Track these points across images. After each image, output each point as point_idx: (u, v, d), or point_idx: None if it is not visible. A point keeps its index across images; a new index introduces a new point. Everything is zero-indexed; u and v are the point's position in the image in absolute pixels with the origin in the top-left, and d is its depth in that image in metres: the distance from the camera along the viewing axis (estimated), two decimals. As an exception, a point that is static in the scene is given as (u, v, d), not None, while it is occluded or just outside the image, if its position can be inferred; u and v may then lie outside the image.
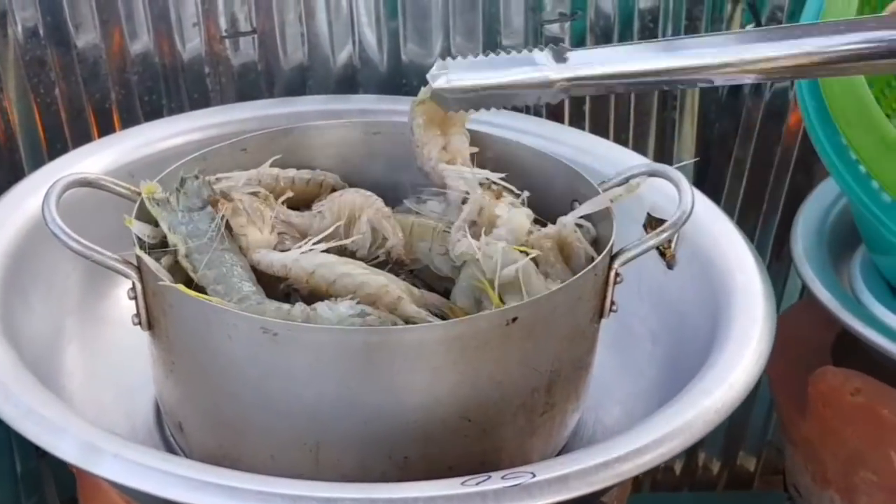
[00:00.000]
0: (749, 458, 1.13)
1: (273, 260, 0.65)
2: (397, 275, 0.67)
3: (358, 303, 0.61)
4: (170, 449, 0.70)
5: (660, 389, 0.73)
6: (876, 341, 0.74)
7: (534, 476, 0.54)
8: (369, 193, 0.71)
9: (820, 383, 0.78)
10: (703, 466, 1.13)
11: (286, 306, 0.62)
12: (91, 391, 0.72)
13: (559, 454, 0.69)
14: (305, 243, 0.66)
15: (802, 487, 0.86)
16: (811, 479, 0.84)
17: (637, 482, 1.13)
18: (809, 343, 0.86)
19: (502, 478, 0.54)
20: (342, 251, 0.67)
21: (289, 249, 0.66)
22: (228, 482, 0.54)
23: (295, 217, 0.70)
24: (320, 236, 0.66)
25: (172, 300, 0.62)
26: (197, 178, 0.67)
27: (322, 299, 0.62)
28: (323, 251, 0.65)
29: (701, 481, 1.13)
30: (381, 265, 0.66)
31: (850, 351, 0.83)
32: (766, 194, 1.01)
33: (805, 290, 1.01)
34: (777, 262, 1.05)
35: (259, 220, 0.67)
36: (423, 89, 0.71)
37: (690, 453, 1.12)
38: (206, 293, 0.62)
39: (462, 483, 0.54)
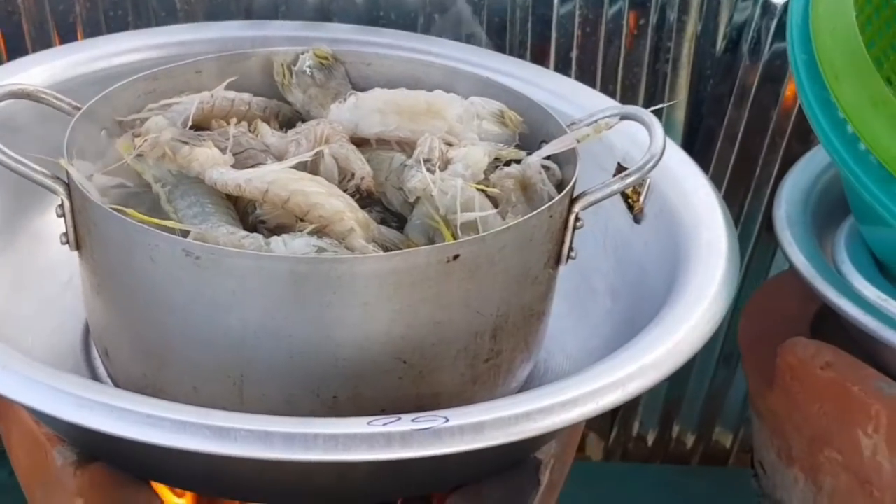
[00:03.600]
0: (726, 434, 1.09)
1: (228, 179, 0.62)
2: (364, 207, 0.63)
3: (320, 237, 0.58)
4: (94, 375, 0.68)
5: (614, 347, 0.69)
6: (850, 313, 0.70)
7: (447, 421, 0.51)
8: (339, 126, 0.67)
9: (789, 354, 0.74)
10: (677, 439, 1.09)
11: (241, 233, 0.58)
12: (14, 305, 0.69)
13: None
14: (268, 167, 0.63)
15: (768, 464, 0.82)
16: (776, 455, 0.80)
17: (606, 451, 1.10)
18: (787, 314, 0.82)
19: (413, 420, 0.51)
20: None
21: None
22: (117, 403, 0.52)
23: (271, 137, 0.67)
24: (287, 161, 0.63)
25: (97, 218, 0.59)
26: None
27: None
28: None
29: (674, 454, 1.10)
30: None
31: (832, 326, 0.79)
32: (759, 160, 0.97)
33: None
34: (767, 232, 1.00)
35: (198, 140, 0.63)
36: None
37: (664, 424, 1.08)
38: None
39: (368, 423, 0.51)
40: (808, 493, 0.77)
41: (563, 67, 0.91)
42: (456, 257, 0.57)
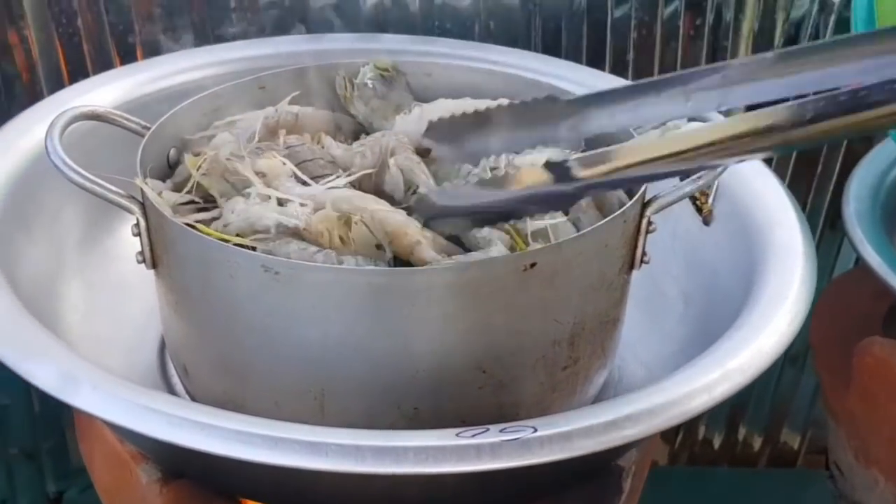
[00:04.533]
0: (793, 436, 1.08)
1: (291, 196, 0.61)
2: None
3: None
4: (171, 391, 0.68)
5: (688, 353, 0.69)
6: (929, 310, 0.69)
7: (535, 431, 0.50)
8: (405, 139, 0.67)
9: (866, 354, 0.73)
10: (744, 442, 1.08)
11: (312, 248, 0.58)
12: (91, 325, 0.69)
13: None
14: (333, 179, 0.63)
15: (844, 465, 0.81)
16: (854, 456, 0.79)
17: (672, 455, 1.09)
18: (859, 312, 0.81)
19: (500, 431, 0.50)
20: (378, 194, 0.63)
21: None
22: (207, 420, 0.51)
23: (336, 149, 0.67)
24: (352, 176, 0.63)
25: (174, 236, 0.59)
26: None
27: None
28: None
29: (741, 457, 1.09)
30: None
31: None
32: (820, 157, 0.95)
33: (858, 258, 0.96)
34: (830, 231, 0.99)
35: (257, 153, 0.64)
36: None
37: (730, 427, 1.07)
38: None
39: (457, 434, 0.50)
40: (888, 494, 0.76)
41: (619, 70, 0.90)
42: (533, 265, 0.57)
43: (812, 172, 0.96)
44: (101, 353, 0.66)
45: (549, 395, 0.61)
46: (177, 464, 0.60)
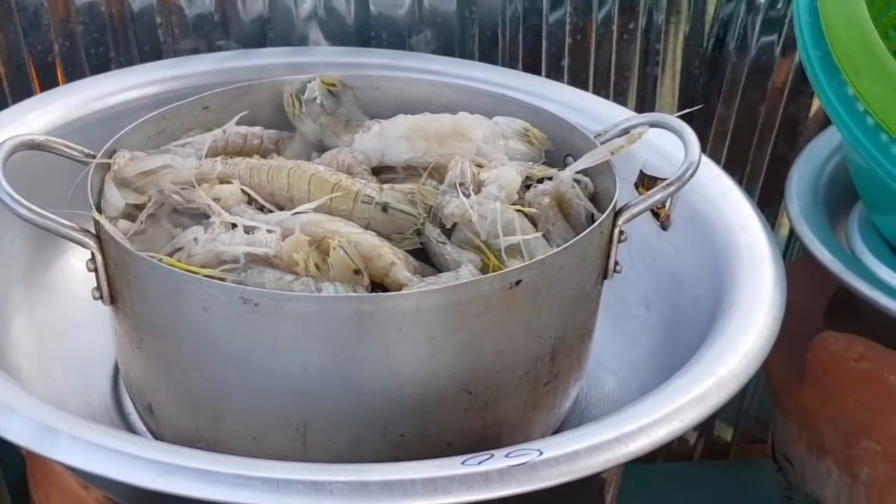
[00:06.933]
0: (726, 428, 1.10)
1: (256, 224, 0.59)
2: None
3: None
4: (130, 429, 0.64)
5: (657, 359, 0.69)
6: (882, 303, 0.71)
7: (541, 454, 0.49)
8: (360, 156, 0.65)
9: (820, 349, 0.75)
10: (680, 436, 1.09)
11: (288, 277, 0.56)
12: (41, 366, 0.66)
13: (558, 429, 0.64)
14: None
15: (795, 457, 0.83)
16: (806, 448, 0.80)
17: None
18: (802, 307, 0.82)
19: (506, 456, 0.49)
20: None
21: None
22: (204, 465, 0.49)
23: None
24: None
25: (138, 270, 0.56)
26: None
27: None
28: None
29: (676, 451, 1.10)
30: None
31: (843, 314, 0.80)
32: (749, 156, 0.97)
33: (794, 253, 0.98)
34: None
35: (208, 181, 0.62)
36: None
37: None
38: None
39: (463, 462, 0.49)
40: (842, 484, 0.78)
41: (554, 76, 0.90)
42: (519, 282, 0.56)
43: (741, 172, 0.98)
44: (57, 397, 0.63)
45: (531, 412, 0.61)
46: (152, 508, 0.57)
